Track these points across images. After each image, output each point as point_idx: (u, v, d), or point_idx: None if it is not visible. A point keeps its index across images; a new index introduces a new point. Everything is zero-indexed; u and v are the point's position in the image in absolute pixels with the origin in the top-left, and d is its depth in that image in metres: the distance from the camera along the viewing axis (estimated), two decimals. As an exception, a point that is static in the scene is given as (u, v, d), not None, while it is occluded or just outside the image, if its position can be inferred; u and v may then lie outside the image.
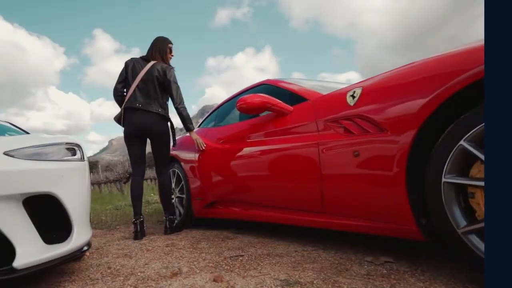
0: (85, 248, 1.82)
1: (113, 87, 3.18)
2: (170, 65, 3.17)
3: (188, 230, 3.24)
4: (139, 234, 2.92)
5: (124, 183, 10.48)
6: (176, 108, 3.10)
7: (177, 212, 3.50)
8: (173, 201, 3.51)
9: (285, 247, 2.23)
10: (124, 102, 3.07)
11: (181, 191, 3.51)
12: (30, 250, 1.42)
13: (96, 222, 4.26)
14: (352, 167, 1.78)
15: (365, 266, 1.69)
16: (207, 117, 3.82)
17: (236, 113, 3.14)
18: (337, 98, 2.00)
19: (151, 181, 15.83)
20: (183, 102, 3.10)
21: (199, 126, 3.78)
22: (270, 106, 2.37)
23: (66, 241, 1.63)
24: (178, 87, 3.10)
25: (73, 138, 1.99)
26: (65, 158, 1.82)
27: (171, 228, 3.09)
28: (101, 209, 6.22)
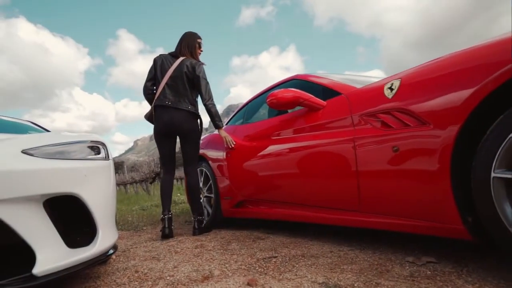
0: (111, 251, 1.71)
1: (140, 87, 3.13)
2: (200, 61, 3.05)
3: (217, 230, 3.11)
4: (166, 229, 2.84)
5: (150, 183, 10.53)
6: (205, 105, 2.97)
7: (205, 212, 3.39)
8: (201, 200, 3.39)
9: (320, 247, 2.09)
10: (154, 100, 3.01)
11: (209, 190, 3.39)
12: (52, 255, 1.31)
13: (122, 223, 4.21)
14: (391, 163, 1.67)
15: (407, 267, 1.56)
16: (235, 114, 3.68)
17: (265, 109, 3.01)
18: (374, 91, 1.87)
19: (177, 181, 15.93)
20: (212, 99, 2.98)
21: (226, 124, 3.66)
22: (302, 101, 2.21)
23: (91, 244, 1.52)
24: (207, 83, 2.98)
25: (97, 137, 1.89)
26: (89, 157, 1.71)
27: (200, 229, 2.97)
28: (127, 210, 6.21)
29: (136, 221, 4.45)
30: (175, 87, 2.95)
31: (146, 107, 3.10)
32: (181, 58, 3.00)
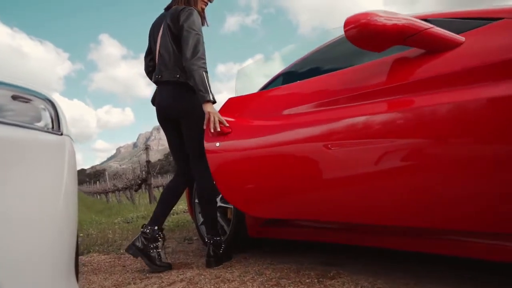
0: None
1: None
2: (191, 7, 2.03)
3: (242, 258, 2.08)
4: (151, 260, 1.95)
5: (136, 190, 9.40)
6: (186, 66, 1.93)
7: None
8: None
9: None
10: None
11: (224, 198, 2.37)
12: None
13: (100, 243, 3.17)
14: None
15: None
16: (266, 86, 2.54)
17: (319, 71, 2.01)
18: None
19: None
20: (200, 58, 1.92)
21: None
22: (415, 33, 1.24)
23: None
24: (196, 35, 1.93)
25: (37, 87, 0.89)
26: (11, 121, 0.73)
27: (218, 257, 1.96)
28: (108, 223, 5.12)
29: (118, 238, 3.41)
30: (163, 53, 2.08)
31: (129, 114, 2.10)
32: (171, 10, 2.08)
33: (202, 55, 1.93)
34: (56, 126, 0.83)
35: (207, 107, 1.91)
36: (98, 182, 23.81)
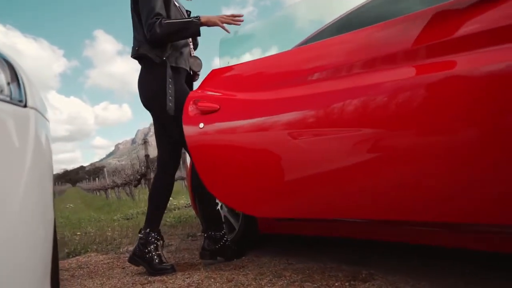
0: None
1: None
2: None
3: (255, 256, 1.86)
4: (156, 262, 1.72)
5: (135, 186, 9.17)
6: (147, 31, 1.68)
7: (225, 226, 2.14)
8: (218, 207, 2.13)
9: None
10: None
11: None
12: None
13: (98, 241, 2.95)
14: None
15: None
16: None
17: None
18: None
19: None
20: (154, 15, 1.65)
21: None
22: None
23: None
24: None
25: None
26: None
27: (212, 252, 1.80)
28: (107, 220, 4.91)
29: (117, 236, 3.20)
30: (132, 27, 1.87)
31: (127, 110, 1.84)
32: None
33: (155, 11, 1.66)
34: (16, 94, 0.61)
35: (205, 23, 1.71)
36: (97, 178, 23.58)
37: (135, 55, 1.78)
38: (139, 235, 1.80)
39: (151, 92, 1.75)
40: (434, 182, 1.04)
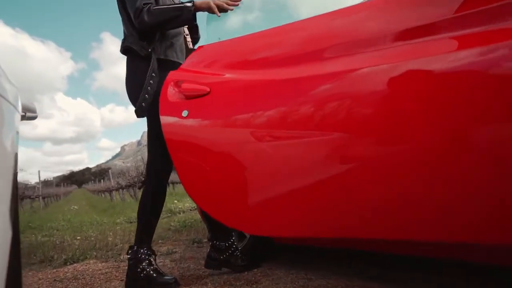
0: None
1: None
2: None
3: (268, 269, 1.66)
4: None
5: (139, 188, 9.04)
6: (134, 20, 1.50)
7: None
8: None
9: None
10: None
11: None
12: None
13: (99, 247, 2.78)
14: None
15: None
16: None
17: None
18: None
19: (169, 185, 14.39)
20: (142, 9, 1.46)
21: None
22: None
23: None
24: None
25: None
26: None
27: (218, 262, 1.65)
28: (109, 223, 4.75)
29: (119, 241, 3.03)
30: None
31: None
32: None
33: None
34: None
35: (199, 8, 1.51)
36: (102, 180, 23.54)
37: (121, 49, 1.63)
38: (127, 256, 1.58)
39: (134, 87, 1.57)
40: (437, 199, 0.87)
